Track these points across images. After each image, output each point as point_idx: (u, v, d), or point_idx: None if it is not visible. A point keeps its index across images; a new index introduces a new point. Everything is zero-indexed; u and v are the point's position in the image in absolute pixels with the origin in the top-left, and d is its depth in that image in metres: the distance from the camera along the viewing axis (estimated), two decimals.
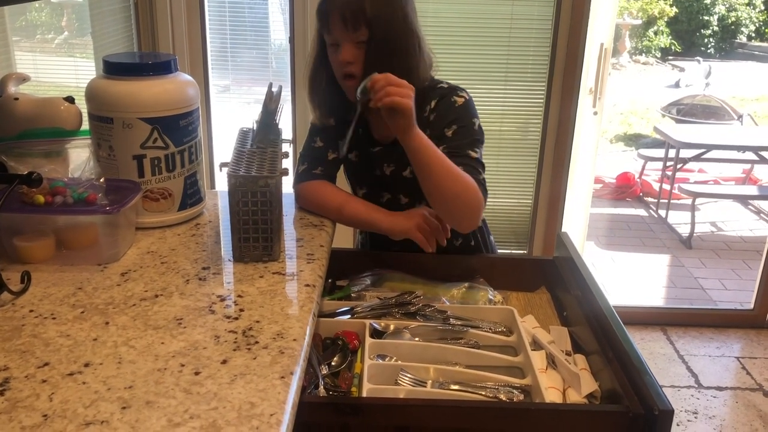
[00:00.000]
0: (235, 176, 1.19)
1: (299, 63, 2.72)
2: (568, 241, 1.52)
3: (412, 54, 1.43)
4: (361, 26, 1.38)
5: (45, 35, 2.43)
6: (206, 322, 1.04)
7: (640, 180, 5.36)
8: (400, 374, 1.14)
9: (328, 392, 1.09)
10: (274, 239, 1.24)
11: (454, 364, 1.19)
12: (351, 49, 1.41)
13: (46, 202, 1.19)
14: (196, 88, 1.39)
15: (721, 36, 11.52)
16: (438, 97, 1.46)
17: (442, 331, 1.28)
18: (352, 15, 1.38)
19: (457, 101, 1.45)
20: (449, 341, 1.26)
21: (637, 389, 1.03)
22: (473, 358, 1.21)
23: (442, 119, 1.44)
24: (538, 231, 2.96)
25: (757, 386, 2.79)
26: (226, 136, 2.93)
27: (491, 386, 1.13)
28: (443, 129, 1.43)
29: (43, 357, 0.93)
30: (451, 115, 1.44)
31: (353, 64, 1.42)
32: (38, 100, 1.41)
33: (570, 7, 2.62)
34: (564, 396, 1.15)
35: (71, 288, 1.13)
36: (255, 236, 1.23)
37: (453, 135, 1.43)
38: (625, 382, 1.05)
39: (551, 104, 2.76)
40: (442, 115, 1.45)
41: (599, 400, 1.12)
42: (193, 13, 2.71)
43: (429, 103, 1.46)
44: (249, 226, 1.22)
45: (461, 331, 1.28)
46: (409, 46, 1.42)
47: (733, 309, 3.48)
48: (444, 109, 1.45)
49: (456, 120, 1.43)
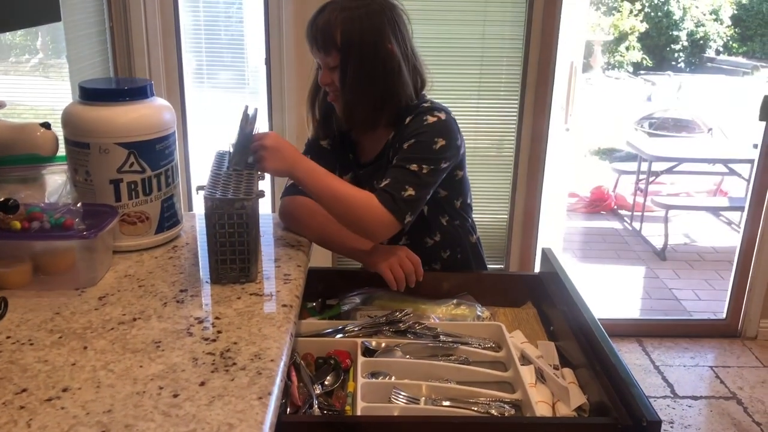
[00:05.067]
0: (211, 199, 1.20)
1: (275, 84, 2.75)
2: (552, 256, 1.55)
3: (390, 78, 1.44)
4: (332, 51, 1.42)
5: (19, 57, 2.43)
6: (184, 344, 1.05)
7: (614, 193, 5.44)
8: (393, 392, 1.16)
9: (323, 412, 1.11)
10: (251, 261, 1.25)
11: (446, 380, 1.22)
12: (326, 72, 1.46)
13: (23, 228, 1.20)
14: (172, 112, 1.41)
15: (691, 51, 11.77)
16: (414, 114, 1.47)
17: (432, 348, 1.30)
18: (323, 40, 1.42)
19: (428, 120, 1.44)
20: (440, 358, 1.28)
21: (625, 401, 1.05)
22: (464, 374, 1.23)
23: (408, 133, 1.44)
24: (514, 245, 3.00)
25: (730, 395, 2.84)
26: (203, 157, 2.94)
27: (483, 402, 1.15)
28: (404, 141, 1.44)
29: (21, 383, 0.93)
30: (415, 131, 1.43)
31: (330, 85, 1.47)
32: (14, 126, 1.41)
33: (540, 27, 2.68)
34: (554, 410, 1.17)
35: (49, 313, 1.13)
36: (232, 258, 1.24)
37: (407, 147, 1.43)
38: (612, 395, 1.08)
39: (524, 121, 2.81)
40: (410, 130, 1.44)
41: (588, 412, 1.15)
42: (168, 35, 2.72)
43: (404, 120, 1.47)
44: (226, 248, 1.23)
45: (451, 347, 1.30)
46: (386, 71, 1.44)
47: (707, 319, 3.54)
48: (412, 125, 1.45)
49: (417, 135, 1.43)
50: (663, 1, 11.45)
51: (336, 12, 1.42)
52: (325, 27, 1.42)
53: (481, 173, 2.89)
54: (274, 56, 2.71)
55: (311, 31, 1.45)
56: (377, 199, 1.37)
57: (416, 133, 1.43)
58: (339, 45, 1.41)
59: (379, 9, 1.44)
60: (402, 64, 1.46)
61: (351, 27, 1.41)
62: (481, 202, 2.94)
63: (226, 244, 1.23)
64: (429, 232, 1.58)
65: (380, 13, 1.44)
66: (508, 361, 1.27)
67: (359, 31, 1.41)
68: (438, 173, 1.43)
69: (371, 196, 1.38)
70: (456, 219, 1.60)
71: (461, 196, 1.58)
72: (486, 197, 2.93)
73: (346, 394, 1.17)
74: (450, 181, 1.51)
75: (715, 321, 3.38)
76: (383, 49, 1.44)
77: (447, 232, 1.59)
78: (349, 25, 1.41)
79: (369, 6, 1.44)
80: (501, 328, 1.35)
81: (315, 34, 1.44)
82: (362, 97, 1.46)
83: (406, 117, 1.47)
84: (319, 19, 1.44)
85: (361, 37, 1.41)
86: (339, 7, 1.43)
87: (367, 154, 1.59)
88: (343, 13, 1.42)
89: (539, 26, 2.68)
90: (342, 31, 1.41)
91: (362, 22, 1.42)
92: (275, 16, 2.66)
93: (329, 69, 1.45)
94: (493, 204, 2.95)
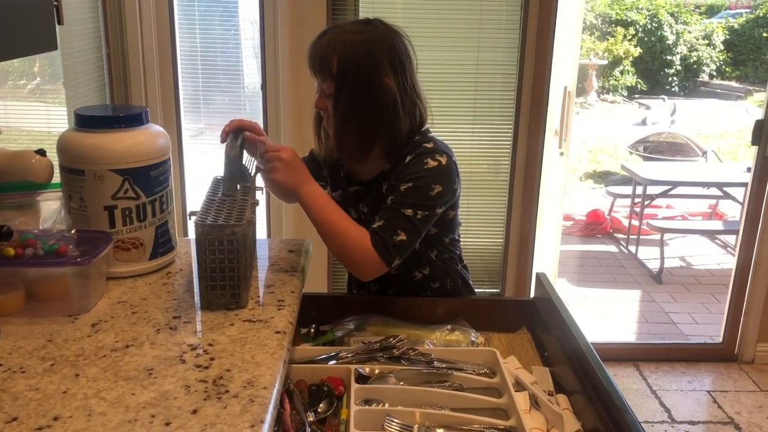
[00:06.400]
0: (201, 225, 1.21)
1: (271, 109, 2.76)
2: (546, 281, 1.55)
3: (383, 112, 1.43)
4: (327, 78, 1.43)
5: (17, 81, 2.44)
6: (177, 371, 1.04)
7: (610, 216, 5.46)
8: (386, 419, 1.15)
9: None
10: (241, 287, 1.25)
11: (440, 407, 1.21)
12: (322, 98, 1.47)
13: (17, 255, 1.20)
14: (167, 138, 1.42)
15: (684, 75, 11.87)
16: (415, 154, 1.45)
17: (426, 374, 1.30)
18: (320, 67, 1.43)
19: (429, 163, 1.42)
20: (434, 384, 1.27)
21: (619, 428, 1.05)
22: (458, 401, 1.23)
23: (406, 173, 1.43)
24: (510, 269, 3.00)
25: (728, 419, 2.82)
26: (200, 181, 2.95)
27: (477, 428, 1.14)
28: (401, 182, 1.43)
29: (12, 412, 0.93)
30: (415, 173, 1.42)
31: (324, 111, 1.48)
32: (9, 153, 1.42)
33: (534, 52, 2.71)
34: None
35: (41, 340, 1.13)
36: (222, 284, 1.24)
37: (404, 190, 1.42)
38: (607, 421, 1.08)
39: (518, 145, 2.82)
40: (409, 171, 1.43)
41: None
42: (165, 60, 2.74)
43: (405, 158, 1.46)
44: (216, 274, 1.23)
45: (446, 373, 1.30)
46: (380, 105, 1.42)
47: (703, 343, 3.53)
48: (414, 165, 1.44)
49: (416, 179, 1.42)
50: (656, 26, 11.58)
51: (336, 37, 1.41)
52: (323, 53, 1.42)
53: (476, 197, 2.90)
54: (270, 81, 2.73)
55: (311, 54, 1.45)
56: (370, 240, 1.40)
57: (415, 176, 1.42)
58: (334, 74, 1.41)
59: (381, 38, 1.42)
60: (398, 99, 1.43)
61: (347, 56, 1.40)
62: (477, 226, 2.95)
63: (216, 270, 1.23)
64: (418, 266, 1.57)
65: (381, 42, 1.42)
66: (503, 387, 1.27)
67: (355, 61, 1.40)
68: (431, 219, 1.44)
69: (365, 236, 1.40)
70: (444, 253, 1.60)
71: (451, 233, 1.59)
72: (481, 221, 2.94)
73: (339, 422, 1.16)
74: (442, 221, 1.50)
75: (712, 345, 3.38)
76: (378, 82, 1.41)
77: (435, 265, 1.59)
78: (345, 54, 1.40)
79: (370, 33, 1.42)
80: (495, 354, 1.35)
81: (314, 57, 1.44)
82: (352, 128, 1.45)
83: (406, 153, 1.46)
84: (319, 43, 1.43)
85: (356, 69, 1.40)
86: (341, 31, 1.42)
87: (359, 175, 1.59)
88: (343, 39, 1.40)
89: (533, 51, 2.71)
90: (338, 59, 1.40)
91: (359, 51, 1.40)
92: (271, 41, 2.69)
93: (325, 95, 1.46)
94: (489, 228, 2.96)
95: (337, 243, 1.42)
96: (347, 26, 1.45)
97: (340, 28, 1.44)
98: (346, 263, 1.46)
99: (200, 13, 2.86)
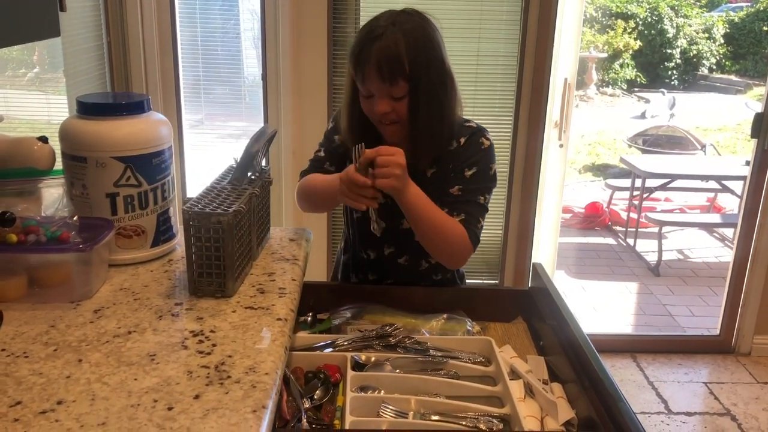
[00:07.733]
0: (188, 212, 1.21)
1: (272, 100, 2.76)
2: (542, 271, 1.56)
3: (450, 97, 1.44)
4: (399, 81, 1.35)
5: (16, 71, 2.44)
6: (179, 357, 1.05)
7: (609, 209, 5.47)
8: (382, 406, 1.16)
9: (312, 426, 1.11)
10: (227, 276, 1.25)
11: (435, 395, 1.22)
12: (386, 101, 1.39)
13: (19, 241, 1.20)
14: (168, 126, 1.42)
15: (684, 68, 11.86)
16: (468, 135, 1.50)
17: (422, 362, 1.31)
18: (390, 70, 1.34)
19: (483, 143, 1.50)
20: (429, 372, 1.28)
21: (613, 416, 1.06)
22: (453, 389, 1.24)
23: (466, 157, 1.48)
24: (508, 261, 3.01)
25: (724, 411, 2.84)
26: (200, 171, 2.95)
27: (471, 416, 1.15)
28: (464, 168, 1.48)
29: (15, 396, 0.94)
30: (475, 156, 1.48)
31: (391, 112, 1.40)
32: (11, 140, 1.42)
33: (534, 45, 2.71)
34: (542, 424, 1.18)
35: (44, 326, 1.13)
36: (209, 272, 1.24)
37: (471, 177, 1.48)
38: (600, 410, 1.09)
39: (518, 137, 2.83)
40: (468, 154, 1.48)
41: (576, 427, 1.16)
42: (165, 49, 2.74)
43: (458, 139, 1.49)
44: (203, 262, 1.24)
45: (441, 362, 1.31)
46: (447, 90, 1.43)
47: (700, 335, 3.55)
48: (471, 147, 1.49)
49: (477, 162, 1.48)
50: (656, 19, 11.56)
51: (398, 37, 1.33)
52: (391, 57, 1.33)
53: None
54: (271, 71, 2.73)
55: (374, 61, 1.33)
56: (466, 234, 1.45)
57: (476, 160, 1.49)
58: (408, 72, 1.34)
59: (427, 22, 1.40)
60: (455, 80, 1.45)
61: (416, 50, 1.34)
62: None
63: (203, 258, 1.23)
64: (428, 255, 1.58)
65: (429, 26, 1.39)
66: (498, 375, 1.28)
67: (425, 53, 1.36)
68: (491, 196, 1.53)
69: (463, 231, 1.45)
70: None
71: None
72: None
73: (335, 408, 1.17)
74: None
75: (709, 337, 3.39)
76: (448, 67, 1.42)
77: None
78: (414, 48, 1.34)
79: (417, 21, 1.38)
80: (491, 343, 1.36)
81: (379, 64, 1.33)
82: (435, 127, 1.43)
83: (457, 134, 1.49)
84: (377, 45, 1.33)
85: (427, 61, 1.36)
86: (398, 29, 1.34)
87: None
88: (406, 38, 1.34)
89: (533, 44, 2.71)
90: (409, 55, 1.33)
91: (424, 43, 1.36)
92: (272, 31, 2.68)
93: (392, 99, 1.38)
94: (488, 219, 2.94)
95: (441, 237, 1.44)
96: (391, 21, 1.36)
97: (394, 27, 1.35)
98: (445, 256, 1.50)
99: (201, 3, 2.86)
